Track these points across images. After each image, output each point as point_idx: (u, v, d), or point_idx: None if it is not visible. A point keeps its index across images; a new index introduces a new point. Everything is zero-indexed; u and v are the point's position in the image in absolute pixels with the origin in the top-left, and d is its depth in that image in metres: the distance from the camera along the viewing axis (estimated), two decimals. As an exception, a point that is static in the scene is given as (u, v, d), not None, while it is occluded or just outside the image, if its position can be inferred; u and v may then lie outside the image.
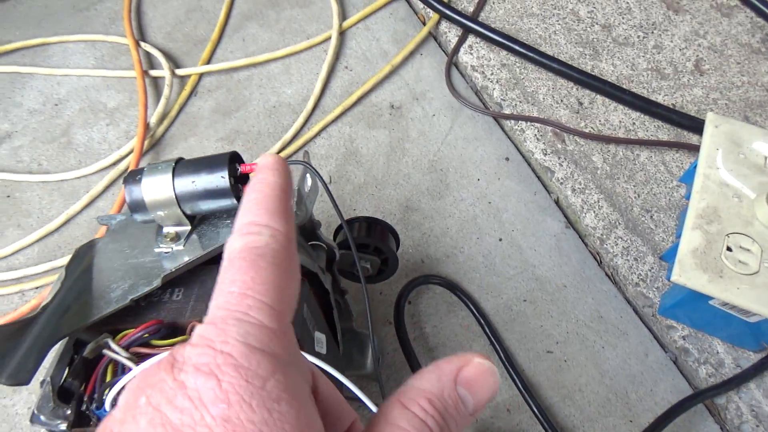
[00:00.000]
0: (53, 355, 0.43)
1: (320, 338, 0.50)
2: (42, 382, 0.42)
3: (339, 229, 0.61)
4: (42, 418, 0.40)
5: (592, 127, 0.78)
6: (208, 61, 0.88)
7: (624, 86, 0.82)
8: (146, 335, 0.41)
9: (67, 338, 0.43)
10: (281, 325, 0.21)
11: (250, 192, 0.27)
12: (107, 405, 0.36)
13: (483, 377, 0.23)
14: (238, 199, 0.45)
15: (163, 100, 0.82)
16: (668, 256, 0.68)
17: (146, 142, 0.80)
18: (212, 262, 0.47)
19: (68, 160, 0.81)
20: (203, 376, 0.18)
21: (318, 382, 0.25)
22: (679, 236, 0.69)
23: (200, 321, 0.42)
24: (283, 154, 0.79)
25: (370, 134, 0.80)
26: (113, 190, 0.78)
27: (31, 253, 0.74)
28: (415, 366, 0.62)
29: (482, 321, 0.66)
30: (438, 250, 0.71)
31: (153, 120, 0.81)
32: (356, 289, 0.66)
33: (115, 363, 0.40)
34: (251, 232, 0.24)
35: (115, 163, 0.79)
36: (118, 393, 0.36)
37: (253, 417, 0.18)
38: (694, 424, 0.61)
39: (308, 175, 0.46)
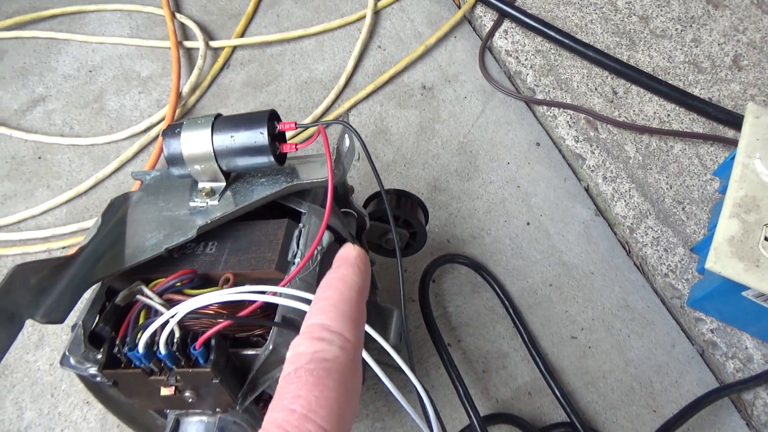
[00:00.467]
0: (85, 301, 0.43)
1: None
2: (73, 327, 0.42)
3: (369, 200, 0.60)
4: (72, 360, 0.41)
5: (625, 117, 0.77)
6: (242, 35, 0.89)
7: (660, 78, 0.80)
8: (179, 284, 0.41)
9: (99, 285, 0.44)
10: None
11: (326, 288, 0.26)
12: (140, 347, 0.36)
13: None
14: (275, 156, 0.45)
15: (196, 71, 0.83)
16: (699, 248, 0.67)
17: (177, 111, 0.80)
18: (245, 218, 0.47)
19: (100, 125, 0.81)
20: None
21: None
22: (711, 229, 0.68)
23: (233, 274, 0.42)
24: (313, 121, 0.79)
25: (401, 113, 0.80)
26: (143, 156, 0.78)
27: (59, 214, 0.75)
28: (438, 343, 0.62)
29: (507, 303, 0.65)
30: (464, 231, 0.71)
31: (185, 90, 0.82)
32: (380, 264, 0.66)
33: (148, 308, 0.40)
34: (322, 339, 0.23)
35: (146, 130, 0.80)
36: (151, 336, 0.36)
37: None
38: (720, 418, 0.60)
39: (347, 136, 0.46)
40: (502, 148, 0.77)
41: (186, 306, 0.35)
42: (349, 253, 0.28)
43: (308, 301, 0.42)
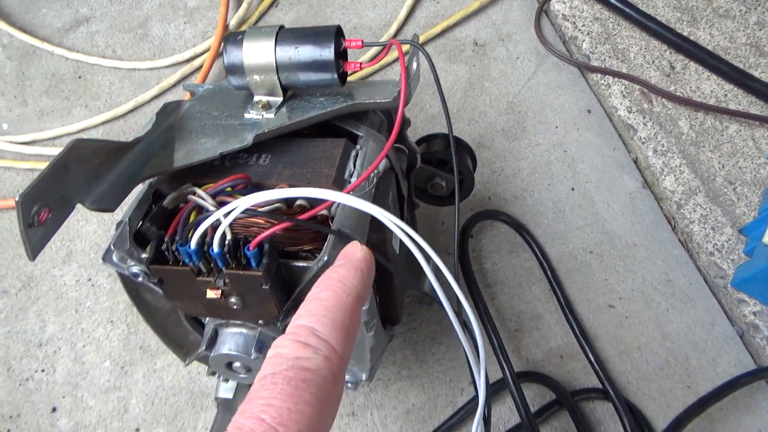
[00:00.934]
0: (130, 202, 0.42)
1: (396, 239, 0.48)
2: (118, 224, 0.41)
3: (419, 142, 0.59)
4: (115, 257, 0.39)
5: (681, 92, 0.75)
6: (293, -25, 0.86)
7: (720, 57, 0.78)
8: (230, 188, 0.40)
9: (146, 187, 0.42)
10: None
11: (322, 288, 0.24)
12: (193, 243, 0.35)
13: None
14: (339, 74, 0.44)
15: (244, 5, 0.81)
16: (749, 230, 0.65)
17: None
18: (301, 135, 0.46)
19: (142, 50, 0.80)
20: None
21: None
22: (762, 212, 0.66)
23: (288, 185, 0.41)
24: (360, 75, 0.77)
25: (450, 68, 0.78)
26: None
27: (95, 134, 0.74)
28: (476, 294, 0.60)
29: (545, 265, 0.64)
30: (506, 190, 0.69)
31: (232, 23, 0.80)
32: (419, 212, 0.65)
33: (199, 209, 0.39)
34: (308, 345, 0.22)
35: (189, 60, 0.78)
36: (202, 236, 0.35)
37: None
38: (756, 401, 0.58)
39: (415, 59, 0.44)
40: (551, 111, 0.74)
41: (245, 201, 0.34)
42: (355, 252, 0.26)
43: (367, 217, 0.41)
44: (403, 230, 0.36)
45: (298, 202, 0.40)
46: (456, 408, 0.57)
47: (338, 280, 0.25)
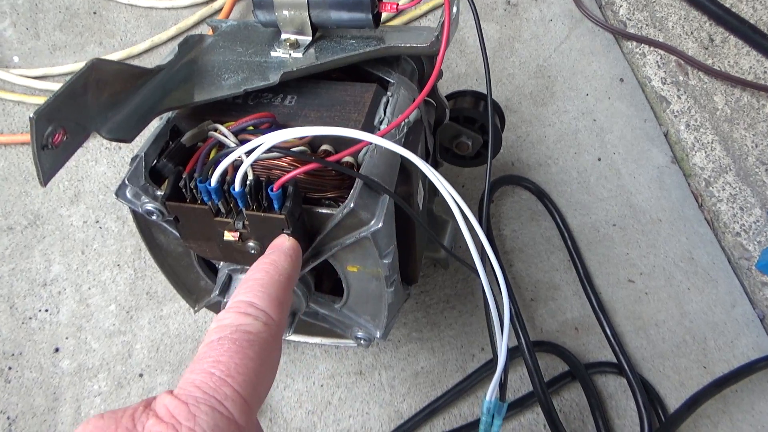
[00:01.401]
0: (147, 136, 0.40)
1: (420, 190, 0.46)
2: (133, 159, 0.39)
3: (448, 98, 0.56)
4: (128, 192, 0.38)
5: (719, 66, 0.72)
6: None
7: (763, 32, 0.74)
8: (253, 127, 0.37)
9: (164, 122, 0.40)
10: (249, 423, 0.21)
11: (257, 271, 0.27)
12: (213, 180, 0.33)
13: None
14: (373, 15, 0.41)
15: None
16: (779, 213, 0.63)
17: (243, -13, 0.75)
18: (328, 78, 0.43)
19: (160, -11, 0.77)
20: None
21: None
22: (794, 195, 0.64)
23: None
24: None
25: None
26: (202, 27, 0.74)
27: (108, 73, 0.71)
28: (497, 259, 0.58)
29: (566, 235, 0.62)
30: (531, 157, 0.66)
31: (254, -35, 0.76)
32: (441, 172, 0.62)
33: (220, 147, 0.37)
34: (248, 314, 0.24)
35: (208, 1, 0.75)
36: (224, 171, 0.33)
37: None
38: (771, 385, 0.57)
39: (456, 2, 0.41)
40: (582, 78, 0.71)
41: (271, 137, 0.32)
42: (284, 242, 0.30)
43: (395, 167, 0.39)
44: (437, 177, 0.34)
45: (323, 147, 0.38)
46: (466, 374, 0.56)
47: (270, 263, 0.28)
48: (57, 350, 0.58)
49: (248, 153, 0.32)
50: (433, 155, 0.54)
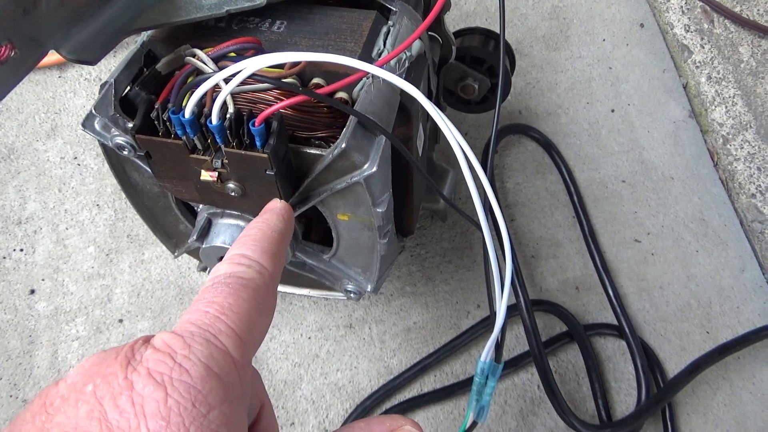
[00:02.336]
0: (119, 61, 0.36)
1: (420, 134, 0.42)
2: (102, 85, 0.35)
3: (457, 35, 0.51)
4: (97, 124, 0.34)
5: (748, 14, 0.67)
6: None
7: (795, -20, 0.69)
8: (235, 53, 0.33)
9: (139, 45, 0.36)
10: (243, 358, 0.21)
11: (250, 228, 0.28)
12: (188, 111, 0.29)
13: None
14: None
15: None
16: (798, 174, 0.59)
17: None
18: (324, 3, 0.39)
19: None
20: (153, 384, 0.18)
21: (263, 416, 0.26)
22: (816, 156, 0.60)
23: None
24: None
25: (491, -40, 0.69)
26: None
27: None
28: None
29: (572, 190, 0.58)
30: (540, 105, 0.62)
31: None
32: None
33: (198, 75, 0.33)
34: (241, 263, 0.25)
35: None
36: (202, 98, 0.29)
37: None
38: (775, 353, 0.55)
39: None
40: (600, 21, 0.66)
41: (253, 63, 0.28)
42: (275, 204, 0.30)
43: (394, 105, 0.35)
44: (439, 116, 0.30)
45: (315, 80, 0.34)
46: (460, 331, 0.53)
47: (263, 222, 0.28)
48: (33, 292, 0.55)
49: (228, 81, 0.28)
50: (436, 97, 0.50)
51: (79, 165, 0.60)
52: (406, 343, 0.53)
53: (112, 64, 0.59)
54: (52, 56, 0.33)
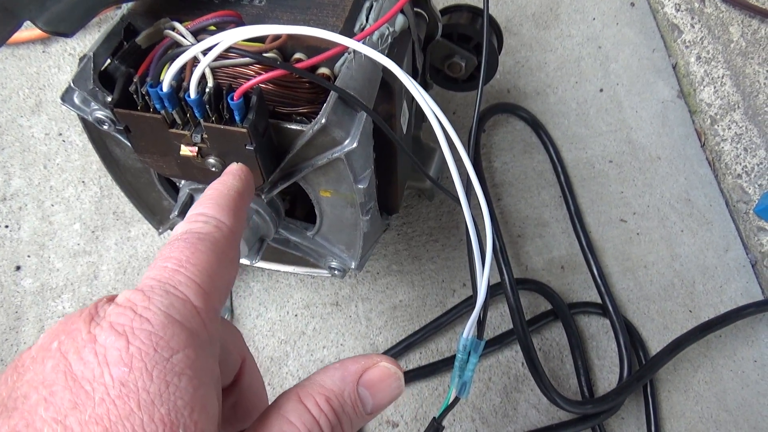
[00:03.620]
0: (98, 34, 0.35)
1: (405, 111, 0.42)
2: (81, 59, 0.34)
3: (442, 13, 0.51)
4: (76, 97, 0.33)
5: (739, -6, 0.66)
6: None
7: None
8: (215, 27, 0.33)
9: (119, 19, 0.36)
10: (207, 306, 0.21)
11: (208, 190, 0.28)
12: (165, 84, 0.29)
13: (387, 381, 0.24)
14: None
15: None
16: (784, 155, 0.59)
17: None
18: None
19: None
20: (114, 335, 0.18)
21: (245, 371, 0.26)
22: (802, 137, 0.60)
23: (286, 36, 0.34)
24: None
25: (482, -64, 0.68)
26: None
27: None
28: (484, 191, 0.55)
29: (559, 170, 0.59)
30: (528, 84, 0.62)
31: None
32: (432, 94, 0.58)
33: (177, 48, 0.32)
34: (197, 221, 0.25)
35: None
36: (181, 71, 0.29)
37: (149, 386, 0.18)
38: (756, 331, 0.56)
39: None
40: (590, 0, 0.66)
41: (230, 35, 0.27)
42: (232, 166, 0.30)
43: (376, 81, 0.35)
44: (419, 92, 0.30)
45: (296, 56, 0.34)
46: (445, 309, 0.54)
47: (220, 182, 0.28)
48: (18, 268, 0.55)
49: (206, 53, 0.28)
50: (422, 75, 0.50)
51: (64, 141, 0.60)
52: (392, 321, 0.53)
53: (96, 38, 0.58)
54: (35, 31, 0.32)
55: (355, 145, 0.31)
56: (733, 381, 0.53)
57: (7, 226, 0.56)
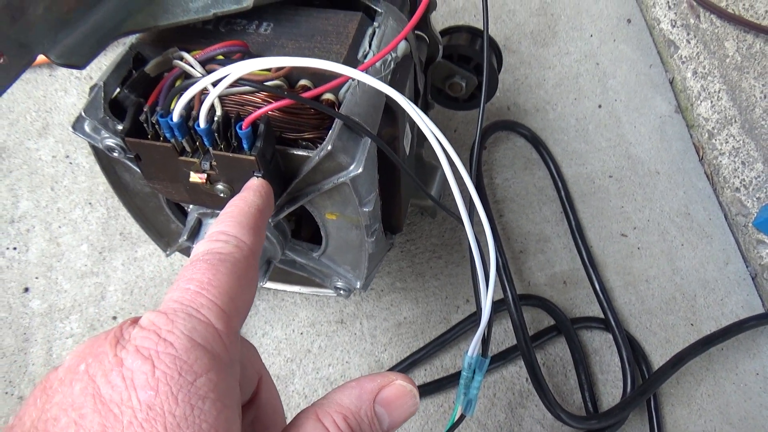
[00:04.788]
0: (108, 64, 0.36)
1: (408, 133, 0.43)
2: (92, 88, 0.35)
3: (441, 35, 0.52)
4: (87, 126, 0.34)
5: (733, 9, 0.67)
6: None
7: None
8: (223, 56, 0.34)
9: (128, 48, 0.36)
10: (228, 328, 0.22)
11: (228, 207, 0.28)
12: (175, 114, 0.29)
13: (402, 399, 0.24)
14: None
15: None
16: (782, 168, 0.60)
17: None
18: (310, 5, 0.39)
19: None
20: (141, 359, 0.19)
21: (262, 388, 0.27)
22: (799, 150, 0.61)
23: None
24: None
25: (480, -43, 0.69)
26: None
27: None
28: (486, 208, 0.56)
29: (560, 185, 0.59)
30: (528, 101, 0.63)
31: None
32: (433, 114, 0.59)
33: (186, 78, 0.33)
34: (218, 240, 0.25)
35: None
36: (190, 101, 0.30)
37: (174, 410, 0.18)
38: (758, 344, 0.56)
39: None
40: (587, 17, 0.67)
41: (239, 67, 0.28)
42: (252, 181, 0.31)
43: (379, 107, 0.36)
44: (419, 116, 0.30)
45: (302, 82, 0.35)
46: (450, 325, 0.54)
47: (240, 199, 0.29)
48: (27, 290, 0.55)
49: (215, 84, 0.29)
50: (424, 96, 0.50)
51: (71, 163, 0.60)
52: (397, 338, 0.54)
53: (102, 63, 0.59)
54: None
55: (360, 170, 0.32)
56: (736, 394, 0.53)
57: (15, 248, 0.57)
